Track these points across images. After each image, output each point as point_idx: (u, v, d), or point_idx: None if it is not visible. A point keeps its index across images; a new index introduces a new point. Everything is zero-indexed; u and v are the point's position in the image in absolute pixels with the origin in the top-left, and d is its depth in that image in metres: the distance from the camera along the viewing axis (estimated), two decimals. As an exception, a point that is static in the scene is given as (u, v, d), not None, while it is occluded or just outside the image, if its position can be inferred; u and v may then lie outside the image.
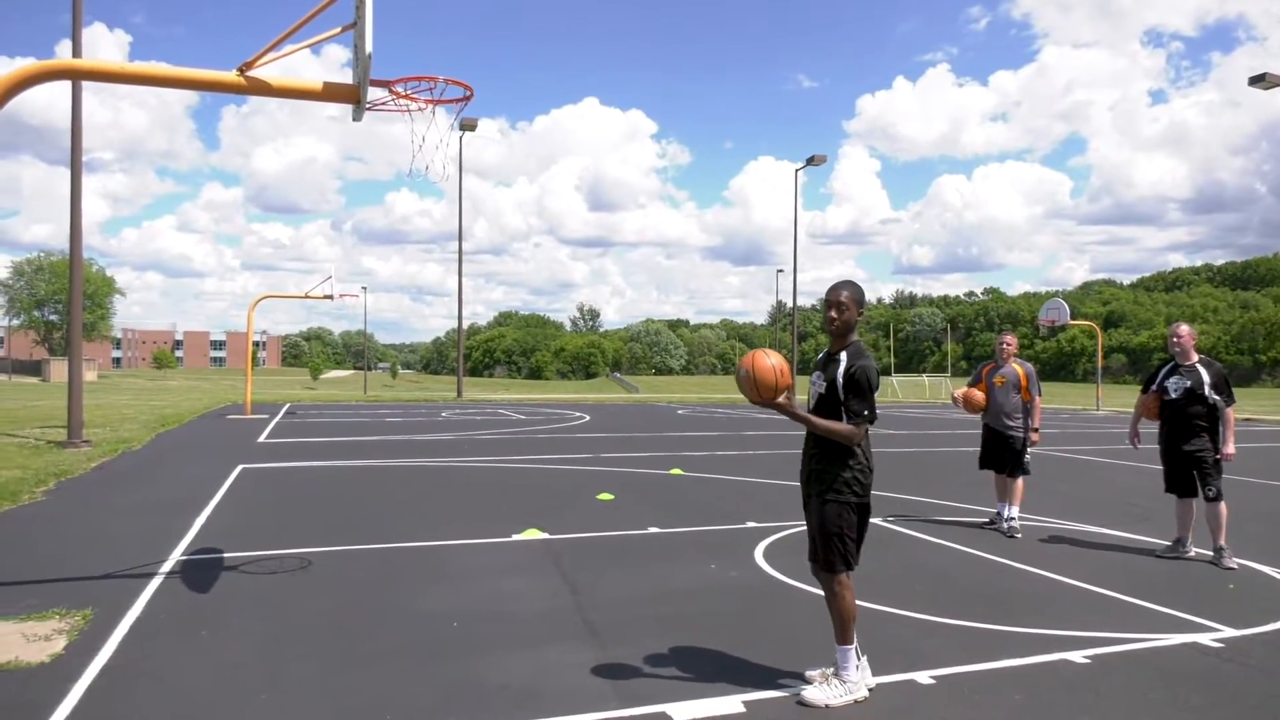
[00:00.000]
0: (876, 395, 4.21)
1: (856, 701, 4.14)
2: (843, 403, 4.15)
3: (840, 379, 4.16)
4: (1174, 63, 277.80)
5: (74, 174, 15.37)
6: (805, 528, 4.42)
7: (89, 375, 63.55)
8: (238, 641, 4.96)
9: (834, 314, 4.27)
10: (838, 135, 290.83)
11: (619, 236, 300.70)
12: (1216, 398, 7.22)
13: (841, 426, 4.14)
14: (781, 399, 4.05)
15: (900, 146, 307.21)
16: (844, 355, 4.21)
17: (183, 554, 7.10)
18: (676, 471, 12.76)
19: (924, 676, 4.50)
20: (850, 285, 4.30)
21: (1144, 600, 6.04)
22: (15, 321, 78.43)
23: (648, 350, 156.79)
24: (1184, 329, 7.48)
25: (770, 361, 4.04)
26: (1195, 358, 7.41)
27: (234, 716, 3.94)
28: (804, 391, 4.52)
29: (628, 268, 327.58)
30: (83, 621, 5.20)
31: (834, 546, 4.21)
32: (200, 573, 6.50)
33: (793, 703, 4.13)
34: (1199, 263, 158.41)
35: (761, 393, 4.04)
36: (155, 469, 12.57)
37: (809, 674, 4.35)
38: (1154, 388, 7.58)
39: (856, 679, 4.19)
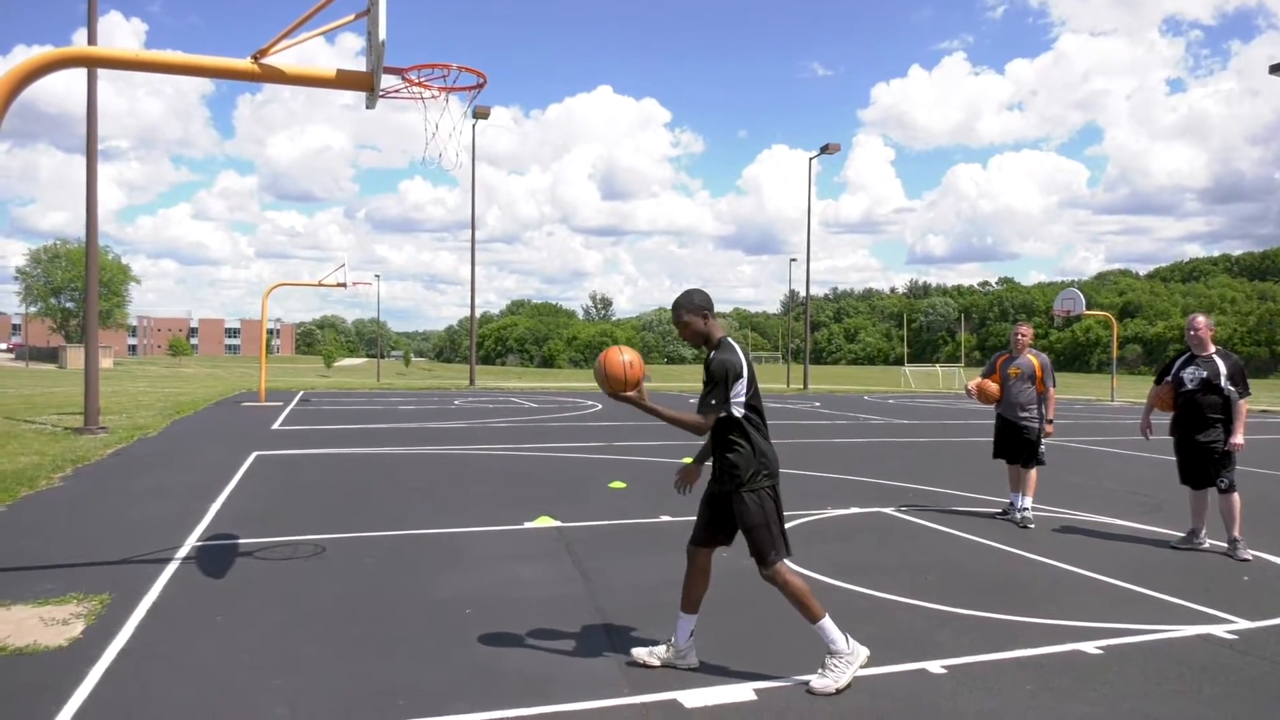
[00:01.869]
0: (743, 385, 4.22)
1: (861, 667, 4.19)
2: None
3: (704, 375, 4.28)
4: (1193, 51, 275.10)
5: (89, 162, 15.45)
6: (791, 517, 4.42)
7: (105, 362, 63.99)
8: (253, 626, 5.01)
9: (681, 331, 4.40)
10: (852, 124, 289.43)
11: (632, 225, 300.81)
12: (1232, 389, 7.17)
13: (688, 416, 4.22)
14: (630, 394, 4.12)
15: (915, 135, 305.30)
16: (713, 354, 4.30)
17: (198, 539, 7.16)
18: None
19: (935, 666, 4.50)
20: (685, 299, 4.36)
21: (1157, 591, 6.02)
22: (32, 309, 79.01)
23: (660, 339, 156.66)
24: (1201, 320, 7.43)
25: (623, 359, 4.13)
26: (1212, 348, 7.36)
27: (250, 700, 3.97)
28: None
29: (640, 256, 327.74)
30: (100, 606, 5.26)
31: (761, 537, 4.24)
32: (216, 558, 6.56)
33: (803, 691, 4.14)
34: (1216, 253, 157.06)
35: (612, 386, 4.13)
36: (171, 455, 12.66)
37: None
38: (1169, 378, 7.54)
39: (850, 647, 4.21)
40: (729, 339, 4.33)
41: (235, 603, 5.45)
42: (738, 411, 4.23)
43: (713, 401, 4.18)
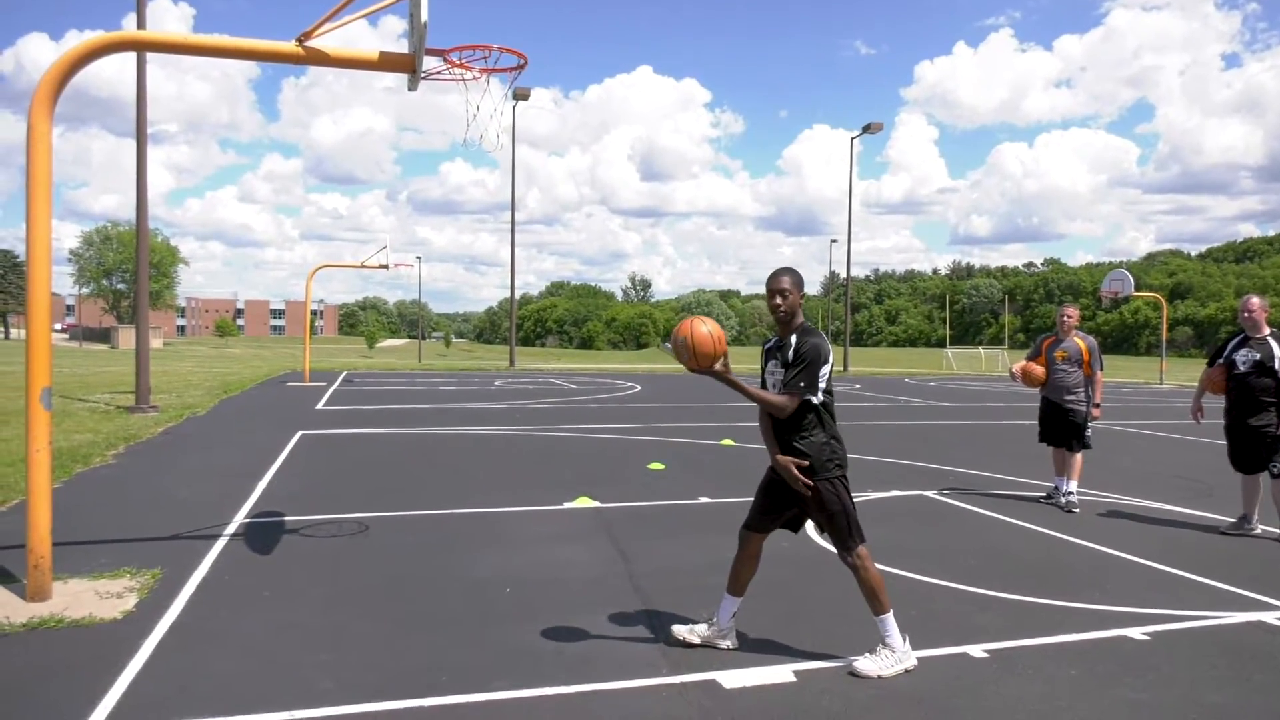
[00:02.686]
0: (828, 370, 4.19)
1: (907, 670, 4.13)
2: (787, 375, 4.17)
3: (790, 357, 4.18)
4: (1249, 24, 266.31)
5: (139, 146, 15.71)
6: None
7: (155, 343, 65.28)
8: (299, 602, 5.11)
9: (778, 301, 4.26)
10: (895, 103, 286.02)
11: (671, 206, 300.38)
12: (1287, 372, 6.99)
13: (774, 396, 4.17)
14: (718, 366, 4.03)
15: (959, 114, 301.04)
16: (794, 338, 4.23)
17: (246, 516, 7.31)
18: (728, 442, 12.76)
19: (977, 650, 4.46)
20: (790, 271, 4.32)
21: (1206, 577, 5.91)
22: (85, 290, 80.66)
23: (698, 315, 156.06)
24: (1255, 301, 7.26)
25: (706, 329, 4.02)
26: (1267, 330, 7.19)
27: (297, 674, 4.06)
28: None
29: (679, 238, 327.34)
30: (152, 580, 5.39)
31: (840, 524, 4.20)
32: (263, 535, 6.69)
33: (843, 673, 4.13)
34: (1272, 232, 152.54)
35: (699, 361, 4.01)
36: (219, 434, 12.91)
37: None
38: (1221, 360, 7.38)
39: (905, 647, 4.18)
40: (810, 324, 4.29)
41: (282, 579, 5.56)
42: (819, 397, 4.19)
43: (801, 384, 4.12)
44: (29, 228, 5.03)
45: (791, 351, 4.18)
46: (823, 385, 4.18)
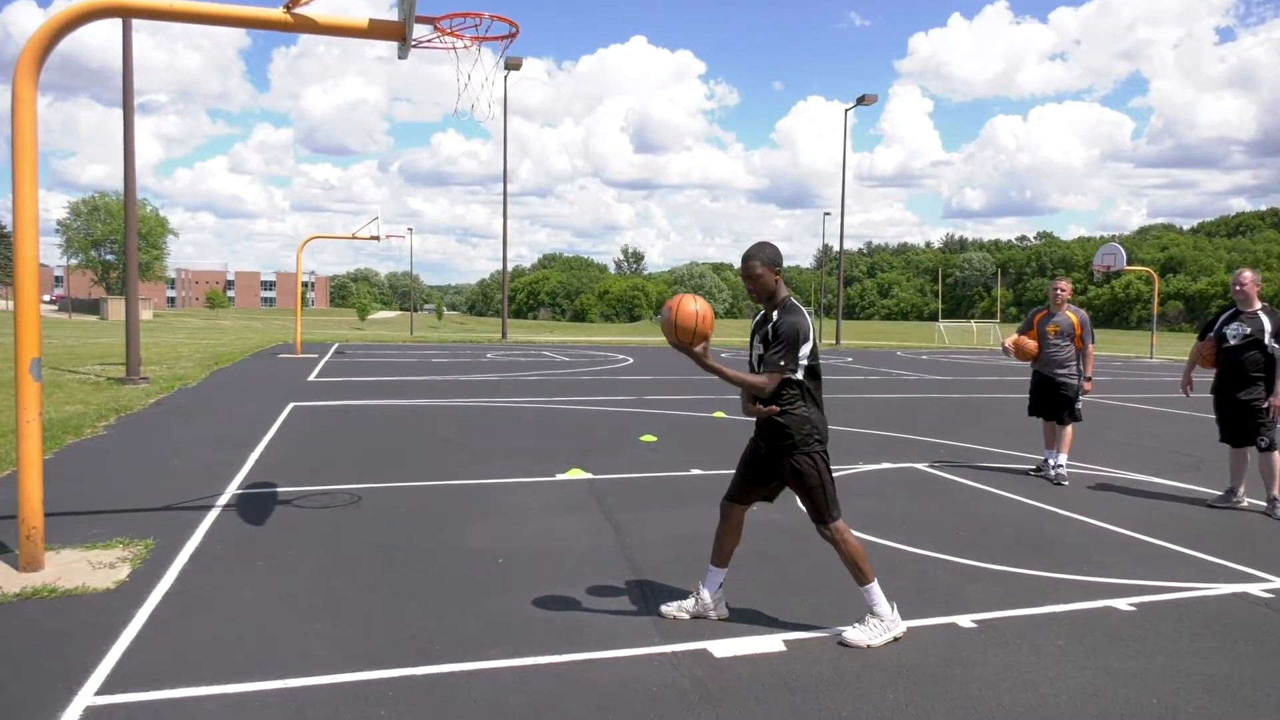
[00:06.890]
0: (809, 348, 4.17)
1: (896, 639, 4.17)
2: (765, 353, 4.16)
3: (769, 333, 4.18)
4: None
5: (126, 115, 15.54)
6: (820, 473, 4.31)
7: (145, 314, 64.97)
8: (292, 572, 5.12)
9: (750, 285, 4.26)
10: (889, 75, 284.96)
11: (664, 179, 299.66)
12: (1276, 346, 7.02)
13: (753, 377, 4.16)
14: (697, 348, 4.02)
15: (953, 86, 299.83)
16: (775, 313, 4.22)
17: (238, 488, 7.31)
18: (719, 414, 12.79)
19: (966, 620, 4.50)
20: (760, 251, 4.25)
21: (1193, 550, 5.96)
22: (73, 261, 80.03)
23: (692, 293, 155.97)
24: (1247, 275, 7.27)
25: (693, 308, 4.00)
26: (1258, 305, 7.20)
27: (291, 644, 4.07)
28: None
29: (673, 210, 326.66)
30: (145, 550, 5.40)
31: (818, 497, 4.22)
32: (255, 506, 6.69)
33: (833, 642, 4.17)
34: (1264, 207, 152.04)
35: (679, 335, 4.01)
36: (210, 405, 12.89)
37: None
38: (1212, 334, 7.40)
39: (893, 616, 4.22)
40: (793, 300, 4.25)
41: (275, 549, 5.57)
42: (800, 374, 4.18)
43: (781, 363, 4.10)
44: (15, 197, 4.98)
45: (770, 329, 4.19)
46: (804, 363, 4.16)
